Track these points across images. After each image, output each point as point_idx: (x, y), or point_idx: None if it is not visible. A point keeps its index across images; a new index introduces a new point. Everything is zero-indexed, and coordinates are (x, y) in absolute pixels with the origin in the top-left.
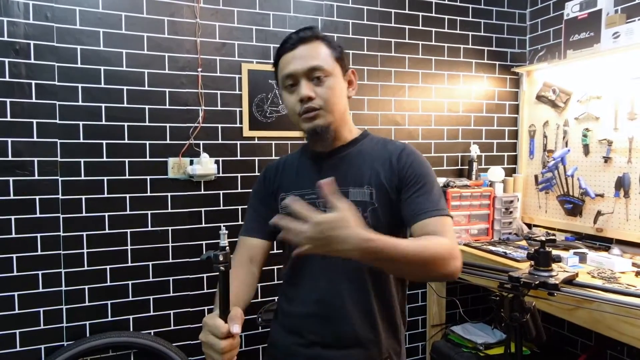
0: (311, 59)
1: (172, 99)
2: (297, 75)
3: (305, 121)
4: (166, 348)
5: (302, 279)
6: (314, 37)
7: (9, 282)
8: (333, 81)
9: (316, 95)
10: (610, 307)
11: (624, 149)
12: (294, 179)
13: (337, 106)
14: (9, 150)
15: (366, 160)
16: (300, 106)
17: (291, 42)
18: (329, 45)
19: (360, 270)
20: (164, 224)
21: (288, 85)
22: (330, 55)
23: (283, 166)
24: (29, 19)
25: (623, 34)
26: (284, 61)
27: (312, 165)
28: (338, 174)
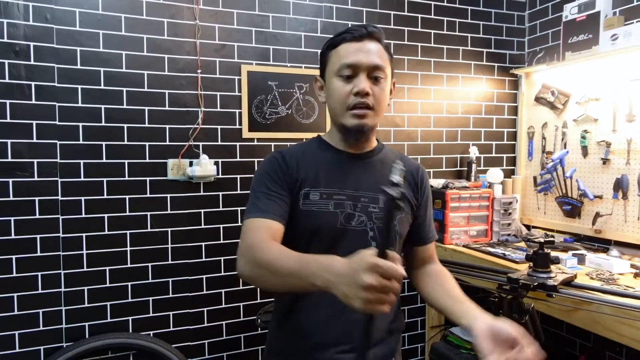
0: (378, 57)
1: (171, 101)
2: (360, 68)
3: (353, 117)
4: (165, 349)
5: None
6: (379, 38)
7: (9, 283)
8: (386, 84)
9: (372, 94)
10: (609, 308)
11: (622, 150)
12: (319, 174)
13: (383, 110)
14: (9, 152)
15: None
16: (352, 98)
17: (358, 33)
18: (387, 50)
19: None
20: (164, 225)
21: (344, 75)
22: (388, 59)
23: (304, 158)
24: (28, 20)
25: (621, 36)
26: (347, 49)
27: (340, 164)
28: (369, 179)
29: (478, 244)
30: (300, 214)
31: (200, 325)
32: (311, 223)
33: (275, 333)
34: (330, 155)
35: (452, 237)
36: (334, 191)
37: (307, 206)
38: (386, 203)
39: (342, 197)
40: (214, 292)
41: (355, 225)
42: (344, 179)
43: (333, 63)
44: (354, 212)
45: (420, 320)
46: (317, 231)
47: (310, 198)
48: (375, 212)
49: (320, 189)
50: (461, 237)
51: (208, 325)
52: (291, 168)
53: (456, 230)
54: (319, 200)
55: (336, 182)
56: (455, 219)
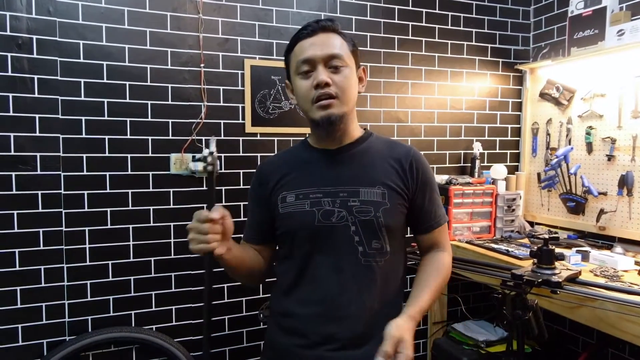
0: (331, 47)
1: (174, 95)
2: (316, 60)
3: (319, 109)
4: (168, 343)
5: (307, 278)
6: (333, 29)
7: (11, 276)
8: (349, 72)
9: (333, 83)
10: (613, 305)
11: (627, 147)
12: (297, 176)
13: (351, 98)
14: (12, 145)
15: (376, 160)
16: (314, 92)
17: (310, 29)
18: (345, 39)
19: (369, 270)
20: (166, 219)
21: (303, 71)
22: (347, 48)
23: (282, 163)
24: (31, 13)
25: (628, 32)
26: (301, 47)
27: (317, 162)
28: (348, 173)
29: (481, 240)
30: (280, 218)
31: (202, 320)
32: (289, 224)
33: (270, 329)
34: (309, 156)
35: (455, 233)
36: (310, 190)
37: (285, 209)
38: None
39: (319, 195)
40: (216, 287)
41: (335, 221)
42: (321, 176)
43: (292, 63)
44: (333, 208)
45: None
46: (296, 231)
47: (287, 201)
48: (356, 205)
49: (296, 190)
50: (464, 233)
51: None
52: (267, 179)
53: (459, 227)
54: (294, 201)
55: (313, 181)
56: (459, 215)
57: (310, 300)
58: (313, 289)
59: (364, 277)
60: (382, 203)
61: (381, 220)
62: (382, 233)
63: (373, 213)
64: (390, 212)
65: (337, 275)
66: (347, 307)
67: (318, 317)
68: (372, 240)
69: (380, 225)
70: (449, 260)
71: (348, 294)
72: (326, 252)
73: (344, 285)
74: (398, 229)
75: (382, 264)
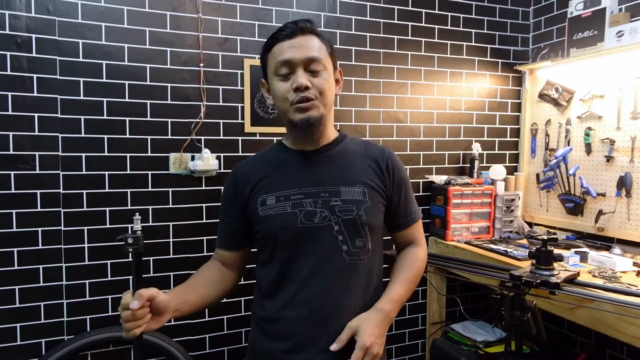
0: (310, 49)
1: (173, 94)
2: (295, 63)
3: (298, 111)
4: (166, 343)
5: (291, 281)
6: (312, 31)
7: (10, 275)
8: (327, 75)
9: (312, 86)
10: (611, 306)
11: (626, 148)
12: (276, 178)
13: (330, 100)
14: (11, 144)
15: (354, 160)
16: (294, 95)
17: (289, 30)
18: (324, 41)
19: (354, 269)
20: (165, 219)
21: (282, 73)
22: (325, 50)
23: (258, 165)
24: (30, 12)
25: (627, 33)
26: (280, 48)
27: (296, 163)
28: (328, 173)
29: (480, 241)
30: (260, 221)
31: (201, 320)
32: (270, 227)
33: (254, 335)
34: (287, 157)
35: (454, 234)
36: (291, 192)
37: (265, 212)
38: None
39: (300, 196)
40: None
41: (318, 221)
42: (301, 177)
43: (270, 64)
44: (315, 208)
45: (421, 316)
46: (277, 234)
47: (267, 204)
48: (338, 205)
49: (276, 192)
50: (463, 233)
51: (209, 319)
52: (243, 184)
53: (458, 227)
54: (275, 203)
55: (293, 183)
56: (457, 215)
57: (295, 303)
58: (297, 291)
59: (350, 276)
60: (364, 202)
61: (364, 218)
62: (365, 231)
63: (355, 212)
64: (371, 210)
65: (323, 276)
66: (334, 307)
67: (304, 320)
68: (356, 239)
69: (363, 224)
70: (424, 254)
71: (334, 294)
72: (310, 254)
73: (330, 285)
74: (378, 227)
75: (365, 262)
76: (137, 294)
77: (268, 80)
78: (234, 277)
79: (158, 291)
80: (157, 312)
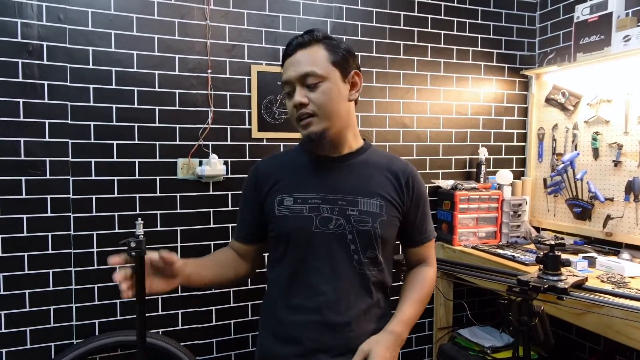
0: (304, 65)
1: (182, 100)
2: (292, 81)
3: (301, 128)
4: (174, 347)
5: (301, 285)
6: (313, 41)
7: (20, 280)
8: (328, 86)
9: (309, 101)
10: (620, 312)
11: (634, 152)
12: (295, 180)
13: (334, 111)
14: (22, 150)
15: (375, 172)
16: (296, 112)
17: (291, 47)
18: (328, 47)
19: (364, 279)
20: (173, 224)
21: (287, 91)
22: (327, 59)
23: (279, 165)
24: (42, 20)
25: (634, 37)
26: (285, 67)
27: (317, 168)
28: (348, 182)
29: (487, 246)
30: (276, 220)
31: (208, 324)
32: (285, 227)
33: (263, 339)
34: (308, 161)
35: (461, 239)
36: (309, 195)
37: (281, 211)
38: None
39: (318, 201)
40: (222, 291)
41: (333, 228)
42: (320, 182)
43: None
44: (331, 215)
45: (428, 321)
46: (291, 235)
47: (284, 204)
48: (354, 215)
49: (294, 194)
50: (470, 238)
51: (216, 323)
52: (262, 181)
53: (465, 232)
54: (292, 205)
55: (312, 186)
56: (464, 220)
57: (305, 308)
58: (307, 296)
59: (359, 284)
60: (380, 215)
61: (378, 231)
62: (378, 244)
63: (371, 224)
64: (386, 224)
65: (333, 282)
66: (343, 313)
67: (313, 325)
68: (367, 250)
69: (377, 236)
70: (433, 274)
71: (344, 301)
72: (321, 259)
73: (341, 291)
74: (391, 241)
75: (375, 274)
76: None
77: None
78: (246, 267)
79: (176, 257)
80: (171, 274)
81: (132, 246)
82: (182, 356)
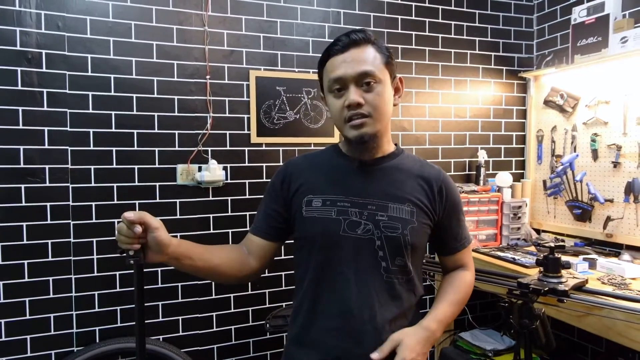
0: (362, 63)
1: (180, 106)
2: (347, 79)
3: (352, 128)
4: (175, 354)
5: (325, 289)
6: (366, 41)
7: (20, 287)
8: (382, 88)
9: (365, 102)
10: (621, 314)
11: (633, 153)
12: (325, 182)
13: (385, 114)
14: (21, 158)
15: (407, 177)
16: (347, 112)
17: (341, 44)
18: (380, 50)
19: (391, 287)
20: (173, 230)
21: (335, 89)
22: (381, 61)
23: (310, 165)
24: (41, 28)
25: (631, 39)
26: (333, 64)
27: (348, 170)
28: (378, 186)
29: (487, 248)
30: (303, 221)
31: (209, 330)
32: (312, 229)
33: (289, 342)
34: (340, 163)
35: None
36: (338, 198)
37: (309, 213)
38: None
39: (347, 204)
40: (223, 297)
41: (361, 233)
42: (350, 186)
43: (325, 80)
44: (359, 219)
45: None
46: (317, 238)
47: (312, 205)
48: (384, 220)
49: (323, 196)
50: None
51: (217, 329)
52: (292, 179)
53: None
54: (321, 206)
55: (341, 189)
56: None
57: (330, 313)
58: (332, 301)
59: (386, 293)
60: (410, 221)
61: (408, 238)
62: (407, 251)
63: (400, 230)
64: (416, 231)
65: (359, 288)
66: (367, 322)
67: (337, 331)
68: (396, 257)
69: (407, 244)
70: (471, 279)
71: (369, 309)
72: (347, 264)
73: (366, 299)
74: (421, 249)
75: (403, 282)
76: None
77: (325, 95)
78: (253, 267)
79: (157, 224)
80: (154, 245)
81: (131, 254)
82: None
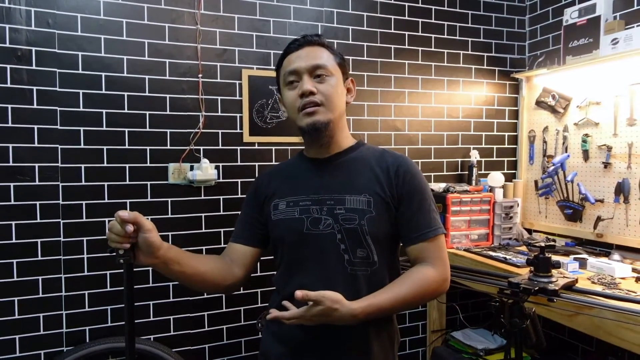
0: (315, 58)
1: (172, 105)
2: (301, 71)
3: (305, 116)
4: (166, 354)
5: (296, 286)
6: (319, 43)
7: (9, 287)
8: (335, 81)
9: (318, 91)
10: (611, 313)
11: (623, 154)
12: (289, 185)
13: (337, 105)
14: (10, 156)
15: (364, 168)
16: (300, 101)
17: (297, 43)
18: (332, 52)
19: (355, 280)
20: (164, 229)
21: (290, 81)
22: (334, 60)
23: (278, 173)
24: (30, 25)
25: (622, 40)
26: (289, 60)
27: (308, 171)
28: (335, 181)
29: (479, 248)
30: (273, 225)
31: (200, 330)
32: (280, 231)
33: (265, 338)
34: (302, 165)
35: (453, 241)
36: (300, 198)
37: (276, 216)
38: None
39: (308, 203)
40: (214, 296)
41: (322, 228)
42: (310, 184)
43: (281, 76)
44: (320, 215)
45: (422, 324)
46: (285, 238)
47: (279, 208)
48: (342, 213)
49: (287, 198)
50: (462, 241)
51: (208, 329)
52: (260, 189)
53: (457, 234)
54: (285, 208)
55: (303, 189)
56: (456, 222)
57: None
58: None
59: (350, 286)
60: (367, 211)
61: (365, 228)
62: (367, 242)
63: (357, 221)
64: (375, 220)
65: (324, 284)
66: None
67: (302, 326)
68: (357, 249)
69: (365, 234)
70: (433, 275)
71: None
72: (314, 260)
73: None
74: (386, 239)
75: (369, 275)
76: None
77: (281, 93)
78: (237, 275)
79: (150, 226)
80: (145, 247)
81: (121, 253)
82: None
